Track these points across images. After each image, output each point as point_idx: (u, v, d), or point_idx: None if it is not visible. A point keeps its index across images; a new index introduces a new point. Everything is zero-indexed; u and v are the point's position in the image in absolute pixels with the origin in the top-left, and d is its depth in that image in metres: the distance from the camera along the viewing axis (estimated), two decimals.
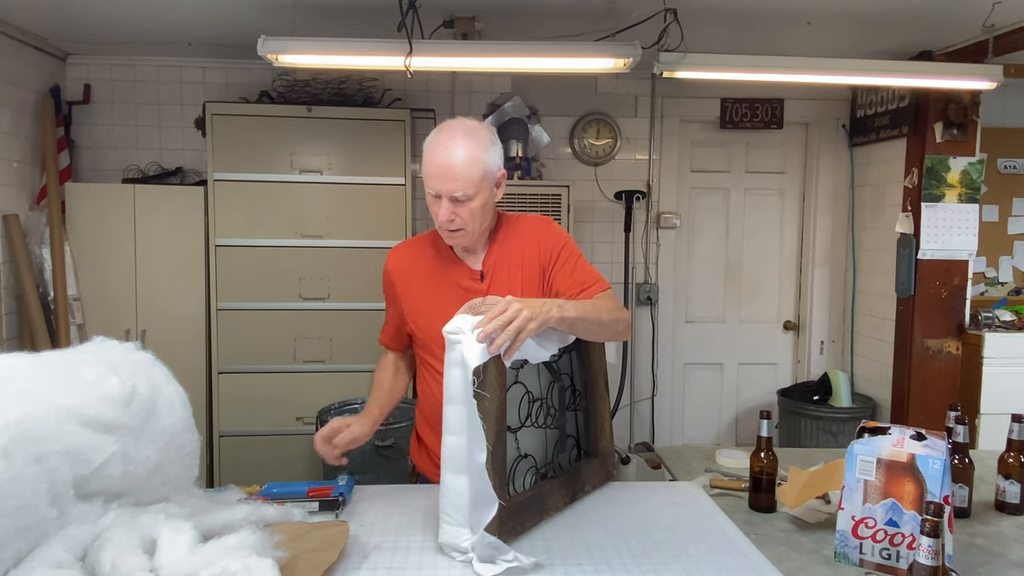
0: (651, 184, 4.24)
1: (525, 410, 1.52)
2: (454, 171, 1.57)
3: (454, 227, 1.62)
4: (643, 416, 4.37)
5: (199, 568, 1.12)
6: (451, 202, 1.59)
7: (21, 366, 1.21)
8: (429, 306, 1.72)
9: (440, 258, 1.75)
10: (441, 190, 1.58)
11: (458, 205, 1.59)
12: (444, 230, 1.65)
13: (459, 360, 1.34)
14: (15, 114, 3.45)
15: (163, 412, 1.32)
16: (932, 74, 3.13)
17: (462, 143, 1.58)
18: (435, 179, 1.59)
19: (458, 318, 1.38)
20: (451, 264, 1.74)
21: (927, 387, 3.68)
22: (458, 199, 1.58)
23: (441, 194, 1.59)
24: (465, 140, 1.58)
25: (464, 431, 1.34)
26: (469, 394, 1.32)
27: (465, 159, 1.57)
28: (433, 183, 1.59)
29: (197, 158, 3.90)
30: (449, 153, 1.57)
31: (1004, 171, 4.18)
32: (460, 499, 1.34)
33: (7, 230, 3.37)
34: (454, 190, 1.58)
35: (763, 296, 4.48)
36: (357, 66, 2.99)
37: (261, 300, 3.57)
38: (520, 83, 4.07)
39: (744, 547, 1.43)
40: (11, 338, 3.44)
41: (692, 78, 3.01)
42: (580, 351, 1.70)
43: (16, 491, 1.06)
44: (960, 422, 1.78)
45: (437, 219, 1.63)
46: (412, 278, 1.76)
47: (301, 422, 3.58)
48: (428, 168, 1.60)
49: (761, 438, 1.76)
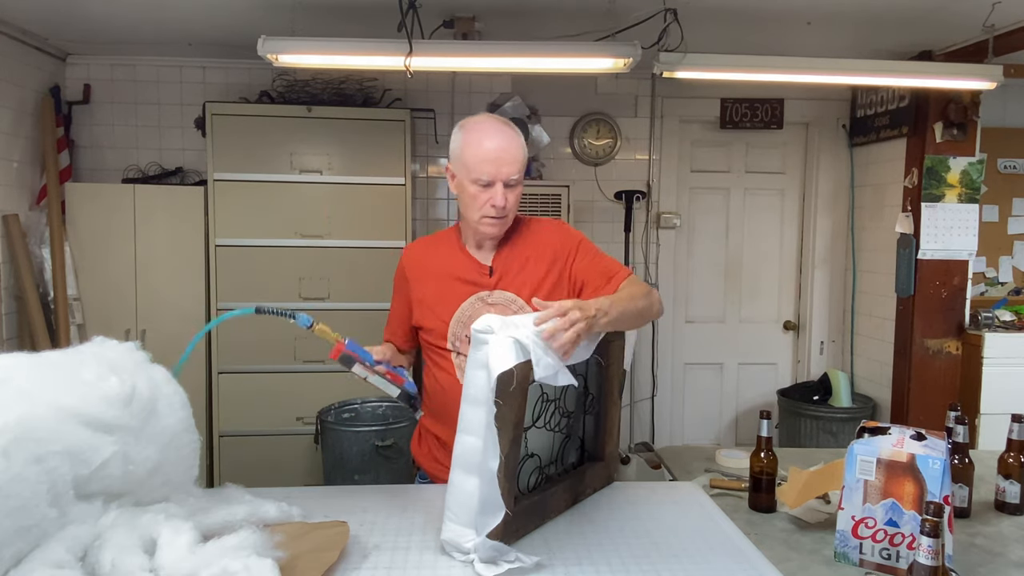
0: (651, 184, 4.24)
1: (538, 410, 1.51)
2: (510, 154, 1.63)
3: (504, 213, 1.66)
4: (643, 416, 4.37)
5: (199, 568, 1.12)
6: (504, 187, 1.64)
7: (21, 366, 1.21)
8: (436, 298, 1.75)
9: (452, 253, 1.79)
10: (497, 175, 1.63)
11: (508, 190, 1.65)
12: (490, 218, 1.67)
13: (484, 362, 1.31)
14: (15, 114, 3.45)
15: (163, 412, 1.32)
16: (932, 74, 3.13)
17: (508, 130, 1.65)
18: (490, 164, 1.62)
19: (488, 317, 1.36)
20: (461, 259, 1.77)
21: (927, 387, 3.68)
22: (510, 184, 1.64)
23: (496, 179, 1.63)
24: (508, 128, 1.66)
25: (480, 433, 1.31)
26: (490, 397, 1.29)
27: (516, 144, 1.65)
28: (487, 169, 1.63)
29: (197, 158, 3.90)
30: (502, 138, 1.64)
31: (1004, 171, 4.18)
32: (468, 500, 1.33)
33: (7, 230, 3.37)
34: (511, 174, 1.64)
35: (763, 296, 4.48)
36: (357, 66, 2.99)
37: (261, 300, 3.56)
38: (520, 83, 4.07)
39: (744, 547, 1.43)
40: (11, 338, 3.44)
41: (692, 78, 3.01)
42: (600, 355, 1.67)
43: (16, 491, 1.06)
44: (960, 422, 1.78)
45: (488, 206, 1.65)
46: (424, 271, 1.80)
47: (301, 422, 3.58)
48: (481, 155, 1.63)
49: (761, 438, 1.76)
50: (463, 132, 1.68)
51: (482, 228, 1.70)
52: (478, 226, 1.70)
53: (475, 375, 1.34)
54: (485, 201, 1.65)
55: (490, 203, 1.64)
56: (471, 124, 1.68)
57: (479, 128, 1.66)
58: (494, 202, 1.64)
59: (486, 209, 1.65)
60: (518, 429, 1.35)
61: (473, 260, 1.76)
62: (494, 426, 1.29)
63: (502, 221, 1.69)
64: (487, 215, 1.67)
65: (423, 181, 4.11)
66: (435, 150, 4.08)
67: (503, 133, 1.64)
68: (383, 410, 3.41)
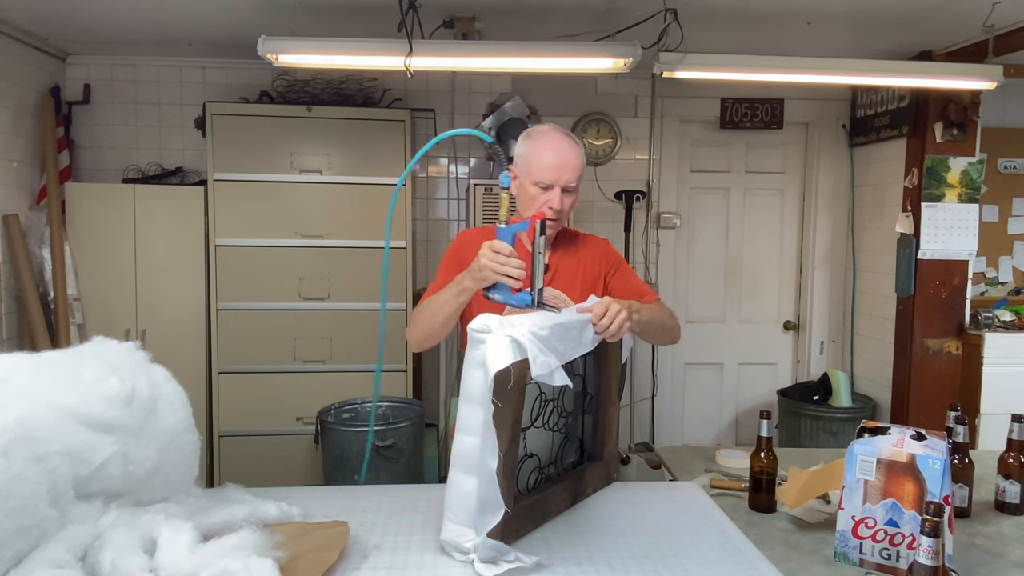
0: (651, 184, 4.24)
1: (536, 410, 1.51)
2: (572, 162, 1.80)
3: (559, 215, 1.81)
4: (643, 416, 4.37)
5: (199, 568, 1.12)
6: (562, 191, 1.79)
7: (21, 366, 1.22)
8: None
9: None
10: (557, 180, 1.78)
11: (565, 195, 1.80)
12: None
13: (480, 361, 1.32)
14: (15, 114, 3.45)
15: (163, 412, 1.33)
16: (932, 74, 3.13)
17: (569, 140, 1.83)
18: (553, 170, 1.78)
19: (485, 316, 1.37)
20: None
21: (927, 387, 3.68)
22: (568, 189, 1.80)
23: (556, 184, 1.78)
24: (570, 139, 1.83)
25: (479, 432, 1.31)
26: (487, 397, 1.29)
27: (578, 153, 1.82)
28: (549, 174, 1.78)
29: (197, 158, 3.90)
30: (564, 147, 1.80)
31: (1004, 171, 4.18)
32: (467, 500, 1.33)
33: (7, 230, 3.37)
34: (571, 180, 1.80)
35: (763, 296, 4.48)
36: (357, 66, 2.99)
37: (261, 300, 3.57)
38: (520, 83, 4.07)
39: (744, 547, 1.43)
40: (11, 338, 3.44)
41: (692, 78, 3.01)
42: (598, 355, 1.68)
43: (16, 491, 1.06)
44: (960, 422, 1.78)
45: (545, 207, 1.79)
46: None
47: (301, 422, 3.58)
48: (546, 161, 1.78)
49: (761, 438, 1.76)
50: (530, 139, 1.84)
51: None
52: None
53: (472, 374, 1.34)
54: (544, 203, 1.79)
55: (548, 204, 1.79)
56: (538, 133, 1.84)
57: (544, 137, 1.82)
58: (552, 204, 1.78)
59: (544, 210, 1.79)
60: (516, 428, 1.35)
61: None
62: (492, 425, 1.29)
63: (556, 223, 1.83)
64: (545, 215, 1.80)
65: (423, 181, 4.11)
66: (435, 150, 4.08)
67: (565, 143, 1.81)
68: (383, 410, 3.41)
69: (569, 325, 1.48)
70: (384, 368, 3.64)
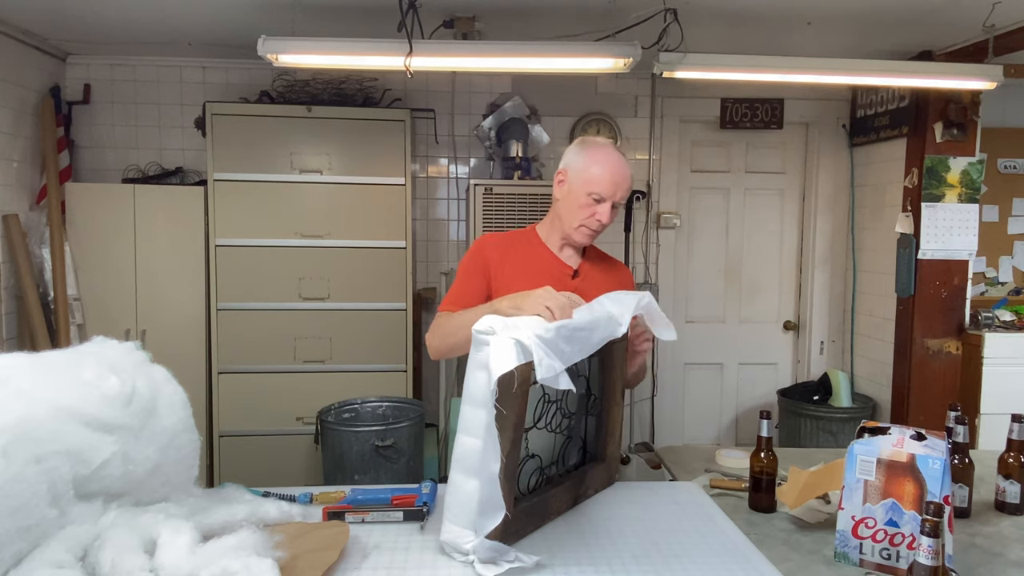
0: (651, 184, 4.24)
1: (539, 411, 1.51)
2: (628, 182, 1.89)
3: (602, 228, 1.90)
4: (643, 416, 4.37)
5: (199, 568, 1.12)
6: (611, 206, 1.88)
7: (21, 366, 1.22)
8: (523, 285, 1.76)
9: (535, 251, 1.97)
10: (613, 195, 1.86)
11: (613, 209, 1.88)
12: (588, 228, 1.89)
13: (484, 363, 1.31)
14: (15, 114, 3.45)
15: (163, 412, 1.33)
16: (932, 74, 3.13)
17: (625, 160, 1.91)
18: (611, 185, 1.85)
19: (489, 317, 1.36)
20: (547, 258, 1.96)
21: (927, 387, 3.68)
22: (616, 204, 1.88)
23: (610, 198, 1.86)
24: (624, 158, 1.92)
25: (481, 435, 1.30)
26: (490, 400, 1.28)
27: (630, 173, 1.91)
28: (608, 188, 1.85)
29: (197, 158, 3.90)
30: (624, 165, 1.89)
31: (1004, 171, 4.18)
32: (467, 501, 1.32)
33: (7, 230, 3.37)
34: (623, 197, 1.89)
35: (763, 296, 4.48)
36: (357, 66, 2.99)
37: (261, 300, 3.57)
38: (520, 83, 4.07)
39: (744, 547, 1.43)
40: (11, 338, 3.44)
41: (692, 78, 3.01)
42: (603, 356, 1.67)
43: (16, 491, 1.06)
44: (960, 422, 1.77)
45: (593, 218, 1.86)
46: (507, 260, 1.94)
47: (301, 422, 3.58)
48: (606, 177, 1.85)
49: (761, 438, 1.76)
50: (588, 150, 1.89)
51: (576, 236, 1.91)
52: (573, 232, 1.90)
53: (476, 376, 1.34)
54: (591, 214, 1.86)
55: (596, 216, 1.86)
56: (595, 144, 1.91)
57: (603, 150, 1.89)
58: (599, 216, 1.86)
59: (590, 221, 1.86)
60: (519, 430, 1.34)
61: (558, 260, 1.96)
62: (494, 428, 1.28)
63: (595, 234, 1.91)
64: (587, 226, 1.88)
65: (423, 181, 4.11)
66: (435, 150, 4.08)
67: (622, 161, 1.89)
68: (383, 410, 3.41)
69: (578, 327, 1.46)
70: (384, 368, 3.65)
